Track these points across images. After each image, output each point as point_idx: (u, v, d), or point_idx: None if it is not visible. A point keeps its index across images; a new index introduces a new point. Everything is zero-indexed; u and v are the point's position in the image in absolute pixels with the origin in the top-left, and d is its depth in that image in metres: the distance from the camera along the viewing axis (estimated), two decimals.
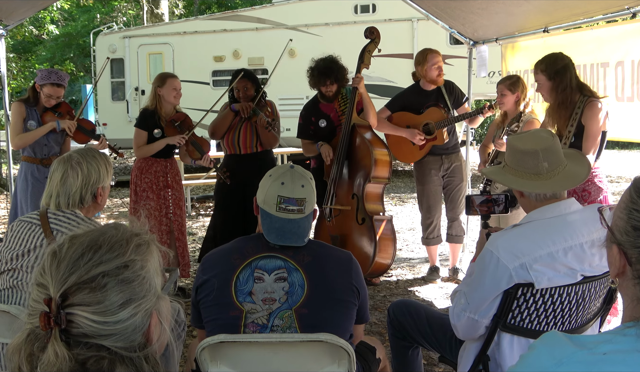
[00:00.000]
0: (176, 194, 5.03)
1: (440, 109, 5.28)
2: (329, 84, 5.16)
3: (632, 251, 1.16)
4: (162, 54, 12.72)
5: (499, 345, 2.25)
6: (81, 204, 2.53)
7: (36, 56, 24.98)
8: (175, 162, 5.19)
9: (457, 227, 5.47)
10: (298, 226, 2.20)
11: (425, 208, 5.50)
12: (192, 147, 5.00)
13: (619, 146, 18.80)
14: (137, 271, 1.19)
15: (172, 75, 5.09)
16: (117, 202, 10.81)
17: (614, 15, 4.53)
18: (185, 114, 5.06)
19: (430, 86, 5.33)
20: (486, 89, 9.71)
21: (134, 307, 1.17)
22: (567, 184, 2.26)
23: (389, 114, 5.44)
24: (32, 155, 4.74)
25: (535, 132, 2.39)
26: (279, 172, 2.24)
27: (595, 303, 2.29)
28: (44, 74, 4.70)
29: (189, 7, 24.28)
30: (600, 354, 1.08)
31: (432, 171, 5.37)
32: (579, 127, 3.83)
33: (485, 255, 2.19)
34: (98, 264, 1.16)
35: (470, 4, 5.29)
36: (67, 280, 1.13)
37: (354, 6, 11.93)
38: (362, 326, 2.47)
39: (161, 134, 4.90)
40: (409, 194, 10.90)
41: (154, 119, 4.91)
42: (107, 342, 1.14)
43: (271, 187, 2.21)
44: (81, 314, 1.12)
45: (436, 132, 5.24)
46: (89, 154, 2.58)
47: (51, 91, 4.66)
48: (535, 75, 4.02)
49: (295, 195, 2.19)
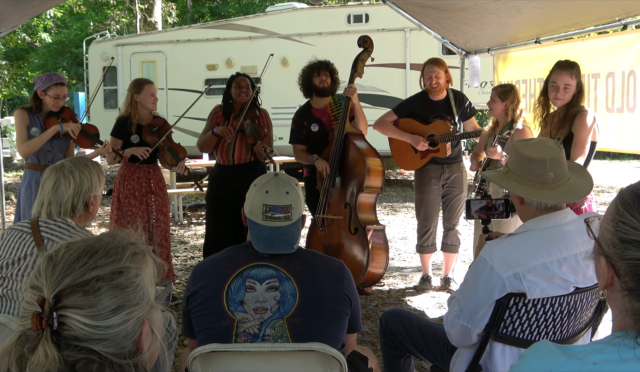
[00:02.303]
0: (159, 200, 5.02)
1: (447, 122, 5.23)
2: (322, 74, 5.17)
3: (619, 263, 1.16)
4: (155, 62, 12.72)
5: (490, 355, 2.25)
6: (73, 212, 2.52)
7: (28, 64, 24.92)
8: (159, 168, 5.19)
9: (452, 236, 5.46)
10: (286, 234, 2.19)
11: (422, 216, 5.48)
12: (168, 153, 4.98)
13: (609, 157, 18.91)
14: (131, 278, 1.20)
15: (148, 81, 5.09)
16: (108, 210, 10.75)
17: (605, 26, 4.57)
18: (163, 119, 5.08)
19: (438, 96, 5.29)
20: (478, 99, 9.74)
21: (126, 313, 1.18)
22: (572, 196, 2.25)
23: (396, 118, 5.39)
24: (36, 162, 4.71)
25: (542, 141, 2.35)
26: (263, 181, 2.24)
27: (586, 313, 2.30)
28: (44, 78, 4.67)
29: (182, 16, 24.29)
30: (591, 364, 1.09)
31: (432, 180, 5.35)
32: (569, 135, 3.89)
33: (479, 263, 2.20)
34: (93, 268, 1.17)
35: (462, 15, 5.32)
36: (61, 282, 1.14)
37: (347, 16, 11.98)
38: (355, 335, 2.46)
39: (138, 139, 4.91)
40: (402, 204, 10.92)
41: (126, 126, 4.92)
42: (97, 347, 1.14)
43: (256, 196, 2.21)
44: (73, 316, 1.13)
45: (440, 145, 5.22)
46: (82, 163, 2.58)
47: (58, 91, 4.64)
48: (569, 78, 3.96)
49: (280, 202, 2.18)
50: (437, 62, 5.27)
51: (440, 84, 5.21)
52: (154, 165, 5.07)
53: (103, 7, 22.91)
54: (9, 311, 2.40)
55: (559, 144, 2.42)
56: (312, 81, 5.24)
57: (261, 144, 4.97)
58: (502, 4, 4.67)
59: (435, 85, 5.20)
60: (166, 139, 4.98)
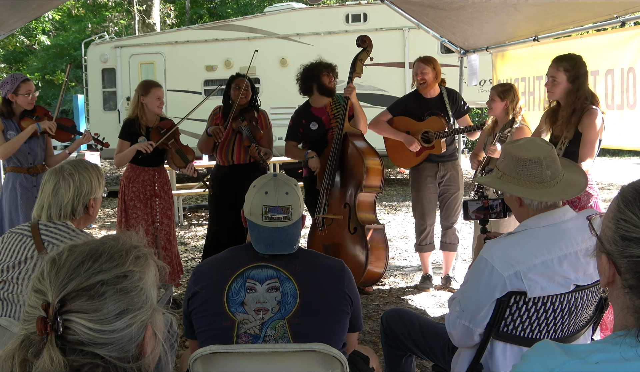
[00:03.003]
0: (164, 203, 5.01)
1: (441, 119, 5.26)
2: (331, 74, 5.26)
3: (621, 261, 1.16)
4: (154, 63, 12.72)
5: (492, 353, 2.25)
6: (73, 215, 2.51)
7: (27, 66, 24.92)
8: (165, 170, 5.17)
9: (451, 235, 5.47)
10: (286, 234, 2.19)
11: (419, 215, 5.50)
12: (176, 155, 4.98)
13: (609, 154, 18.91)
14: (135, 282, 1.20)
15: (156, 84, 5.06)
16: (109, 212, 10.77)
17: (603, 23, 4.56)
18: (171, 121, 5.06)
19: (429, 93, 5.33)
20: (477, 97, 9.75)
21: (130, 317, 1.17)
22: (572, 191, 2.25)
23: (390, 117, 5.43)
24: (18, 165, 4.70)
25: (532, 141, 2.35)
26: (262, 182, 2.24)
27: (587, 311, 2.30)
28: (9, 80, 4.65)
29: (181, 17, 24.29)
30: (593, 363, 1.08)
31: (427, 178, 5.36)
32: (575, 134, 3.79)
33: (479, 263, 2.19)
34: (98, 272, 1.17)
35: (460, 14, 5.32)
36: (66, 286, 1.14)
37: (345, 15, 11.98)
38: (356, 335, 2.46)
39: (146, 140, 4.90)
40: (401, 203, 10.92)
41: (134, 128, 4.91)
42: (102, 351, 1.14)
43: (255, 197, 2.21)
44: (78, 321, 1.12)
45: (434, 142, 5.24)
46: (81, 166, 2.57)
47: (27, 87, 4.64)
48: (555, 71, 3.88)
49: (280, 203, 2.18)
50: (424, 60, 5.33)
51: (427, 80, 5.25)
52: (159, 168, 5.06)
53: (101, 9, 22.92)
54: (10, 314, 2.39)
55: (547, 141, 2.42)
56: (320, 79, 5.26)
57: (256, 147, 4.97)
58: (500, 2, 4.67)
59: (422, 82, 5.26)
60: (174, 140, 4.97)
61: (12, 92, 4.60)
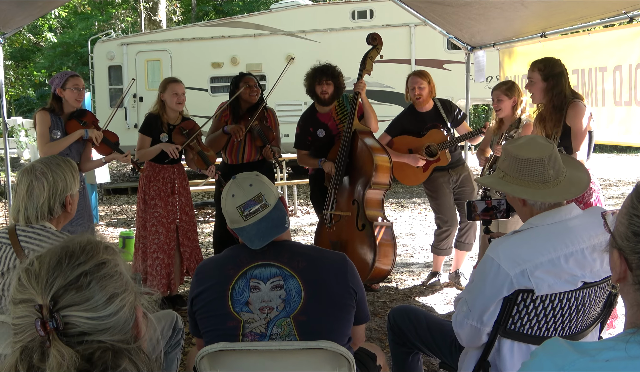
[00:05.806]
0: (183, 200, 5.01)
1: (441, 130, 5.27)
2: (324, 83, 5.13)
3: (632, 257, 1.16)
4: (160, 60, 12.74)
5: (499, 351, 2.24)
6: (50, 215, 2.45)
7: (34, 64, 25.02)
8: (183, 167, 5.16)
9: (470, 235, 5.44)
10: (271, 219, 2.20)
11: (442, 221, 5.44)
12: (199, 157, 4.95)
13: (617, 150, 18.83)
14: (113, 268, 1.26)
15: (174, 80, 5.02)
16: (116, 210, 10.79)
17: (610, 19, 4.54)
18: (194, 122, 5.01)
19: (424, 107, 5.33)
20: (484, 93, 9.73)
21: (120, 300, 1.23)
22: (575, 190, 2.23)
23: (389, 139, 5.42)
24: None
25: (533, 139, 2.33)
26: (226, 191, 2.26)
27: (595, 308, 2.28)
28: (59, 76, 4.61)
29: (187, 14, 24.33)
30: (603, 361, 1.08)
31: (443, 185, 5.36)
32: (564, 128, 3.88)
33: (486, 262, 2.18)
34: (77, 265, 1.21)
35: (467, 10, 5.30)
36: (52, 285, 1.18)
37: (352, 12, 11.96)
38: (363, 326, 2.44)
39: (168, 139, 4.88)
40: (408, 200, 10.91)
41: (157, 124, 4.90)
42: (104, 337, 1.19)
43: (227, 205, 2.23)
44: (74, 314, 1.17)
45: (439, 154, 5.25)
46: (53, 162, 2.50)
47: (75, 82, 4.57)
48: (531, 72, 4.04)
49: (249, 196, 2.20)
50: (420, 74, 5.34)
51: (423, 95, 5.26)
52: (178, 165, 5.05)
53: (108, 7, 22.99)
54: None
55: (548, 139, 2.40)
56: (315, 91, 5.22)
57: (270, 148, 4.98)
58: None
59: (418, 96, 5.26)
60: (196, 142, 4.95)
61: (60, 86, 4.55)
